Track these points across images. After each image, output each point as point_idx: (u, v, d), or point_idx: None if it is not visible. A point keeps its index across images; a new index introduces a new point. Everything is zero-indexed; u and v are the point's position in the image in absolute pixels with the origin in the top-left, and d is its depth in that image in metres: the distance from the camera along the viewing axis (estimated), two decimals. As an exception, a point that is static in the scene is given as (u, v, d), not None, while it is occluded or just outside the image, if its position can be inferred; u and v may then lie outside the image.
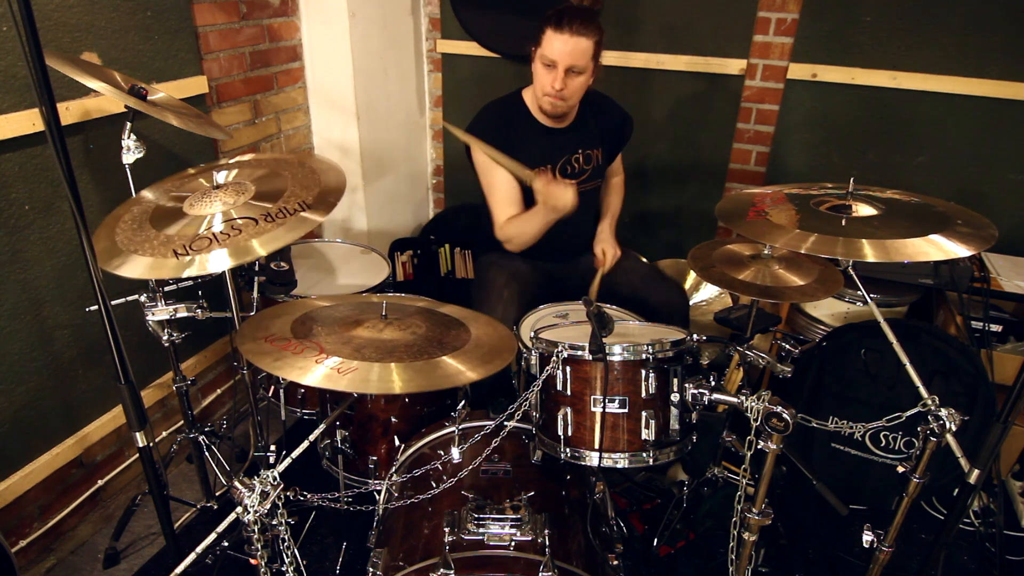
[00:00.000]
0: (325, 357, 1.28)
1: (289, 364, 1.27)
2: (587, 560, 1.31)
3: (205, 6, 2.12)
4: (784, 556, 1.96)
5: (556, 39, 1.87)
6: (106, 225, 1.54)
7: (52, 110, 0.93)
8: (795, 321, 2.54)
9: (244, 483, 1.09)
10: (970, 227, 1.45)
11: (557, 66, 1.90)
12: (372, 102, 2.74)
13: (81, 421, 1.98)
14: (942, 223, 1.46)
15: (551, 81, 1.93)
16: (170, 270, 1.37)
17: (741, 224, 1.59)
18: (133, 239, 1.46)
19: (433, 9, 2.99)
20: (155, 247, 1.42)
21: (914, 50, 2.38)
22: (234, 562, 1.81)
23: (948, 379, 1.98)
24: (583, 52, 1.88)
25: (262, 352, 1.31)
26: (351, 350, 1.33)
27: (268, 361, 1.28)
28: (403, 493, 1.49)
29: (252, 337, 1.37)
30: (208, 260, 1.37)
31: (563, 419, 1.38)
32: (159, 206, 1.58)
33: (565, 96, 1.95)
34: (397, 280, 2.78)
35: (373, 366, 1.28)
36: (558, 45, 1.87)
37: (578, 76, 1.93)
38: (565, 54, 1.88)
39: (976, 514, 2.05)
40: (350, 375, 1.24)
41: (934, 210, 1.56)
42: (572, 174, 2.15)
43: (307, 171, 1.66)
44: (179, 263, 1.38)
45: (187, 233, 1.45)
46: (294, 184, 1.60)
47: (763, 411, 1.23)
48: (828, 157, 2.63)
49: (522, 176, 1.89)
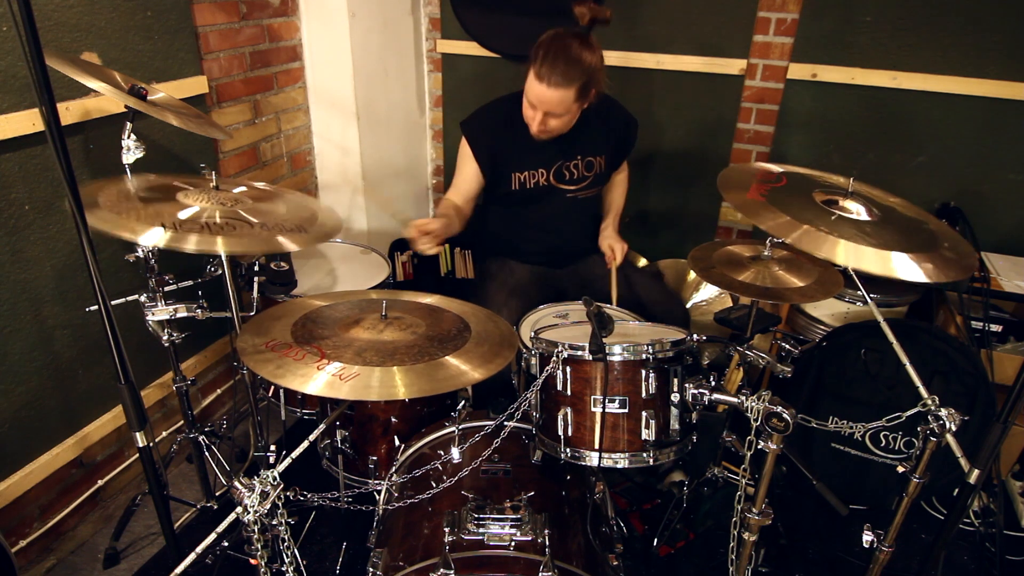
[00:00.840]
0: (326, 363, 1.28)
1: (291, 372, 1.26)
2: (587, 560, 1.31)
3: (205, 6, 2.12)
4: (784, 556, 1.96)
5: (534, 85, 1.85)
6: (88, 188, 1.54)
7: (52, 110, 0.93)
8: (795, 321, 2.54)
9: (244, 483, 1.09)
10: (954, 252, 1.44)
11: (537, 108, 1.90)
12: (372, 102, 2.74)
13: (81, 421, 1.98)
14: (929, 243, 1.46)
15: (531, 118, 1.94)
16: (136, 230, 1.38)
17: (743, 203, 1.58)
18: (116, 204, 1.46)
19: (433, 9, 2.99)
20: (141, 216, 1.43)
21: (914, 50, 2.38)
22: (234, 562, 1.81)
23: (948, 379, 1.98)
24: (559, 102, 1.85)
25: (265, 360, 1.31)
26: (352, 354, 1.33)
27: (270, 369, 1.27)
28: (403, 493, 1.49)
29: (253, 344, 1.37)
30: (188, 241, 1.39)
31: (563, 419, 1.38)
32: (146, 194, 1.59)
33: (548, 131, 1.96)
34: (397, 280, 2.78)
35: (375, 371, 1.28)
36: (535, 91, 1.86)
37: (560, 117, 1.91)
38: (542, 102, 1.87)
39: (976, 514, 2.05)
40: (352, 381, 1.24)
41: (925, 227, 1.56)
42: (570, 180, 2.14)
43: (304, 206, 1.73)
44: (153, 228, 1.38)
45: (172, 211, 1.48)
46: (288, 211, 1.65)
47: (763, 411, 1.23)
48: (828, 157, 2.63)
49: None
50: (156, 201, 1.52)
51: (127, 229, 1.37)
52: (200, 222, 1.46)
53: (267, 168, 2.55)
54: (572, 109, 1.91)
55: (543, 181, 2.11)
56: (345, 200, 2.85)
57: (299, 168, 2.73)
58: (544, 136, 1.99)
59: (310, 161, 2.79)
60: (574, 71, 1.81)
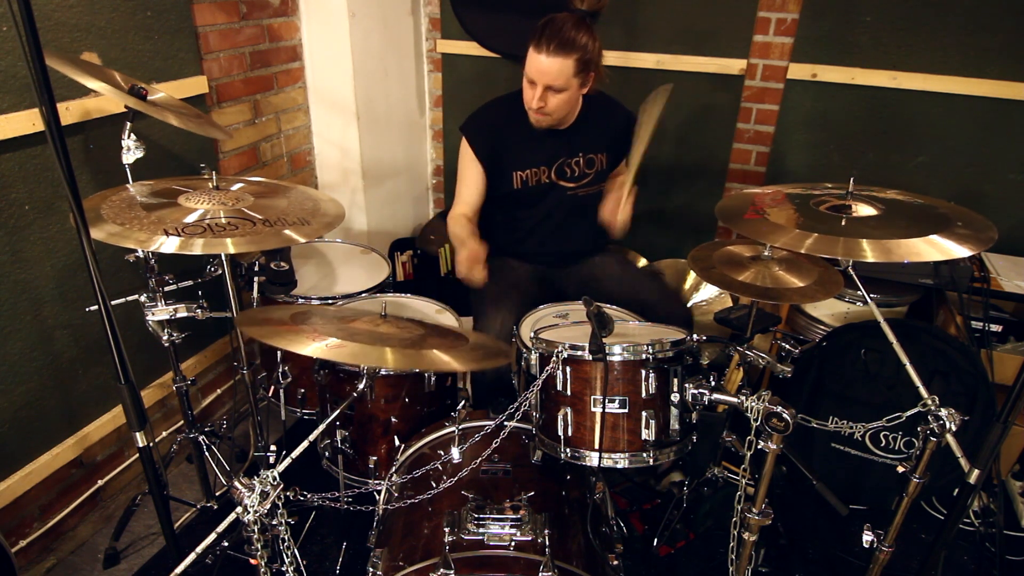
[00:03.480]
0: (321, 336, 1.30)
1: (284, 338, 1.28)
2: (587, 560, 1.31)
3: (205, 6, 2.12)
4: (784, 556, 1.96)
5: (534, 58, 1.87)
6: (91, 202, 1.54)
7: (52, 110, 0.93)
8: (795, 321, 2.54)
9: (244, 483, 1.09)
10: (969, 228, 1.45)
11: (537, 84, 1.90)
12: (372, 102, 2.74)
13: (81, 421, 1.98)
14: (942, 224, 1.46)
15: (531, 97, 1.93)
16: (143, 240, 1.38)
17: (740, 223, 1.59)
18: (120, 214, 1.46)
19: (433, 9, 2.99)
20: (144, 224, 1.43)
21: (914, 50, 2.38)
22: (234, 562, 1.81)
23: (948, 379, 1.98)
24: (559, 72, 1.86)
25: (261, 330, 1.32)
26: (346, 335, 1.33)
27: (264, 332, 1.29)
28: (403, 493, 1.49)
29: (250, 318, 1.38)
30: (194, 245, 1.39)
31: (563, 419, 1.38)
32: (147, 200, 1.59)
33: (547, 112, 1.95)
34: (397, 280, 2.78)
35: (366, 347, 1.29)
36: (535, 64, 1.87)
37: (559, 93, 1.91)
38: (542, 73, 1.87)
39: (976, 514, 2.05)
40: (343, 350, 1.26)
41: (935, 211, 1.56)
42: (571, 177, 2.14)
43: (306, 198, 1.72)
44: (159, 238, 1.38)
45: (176, 217, 1.47)
46: (291, 205, 1.64)
47: (763, 411, 1.23)
48: (828, 157, 2.63)
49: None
50: (159, 207, 1.52)
51: (134, 240, 1.38)
52: (204, 224, 1.46)
53: (267, 168, 2.55)
54: (572, 84, 1.91)
55: (545, 178, 2.11)
56: (345, 200, 2.85)
57: (299, 168, 2.73)
58: (544, 121, 1.99)
59: (310, 161, 2.79)
60: (575, 43, 1.85)
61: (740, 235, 1.61)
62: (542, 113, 1.96)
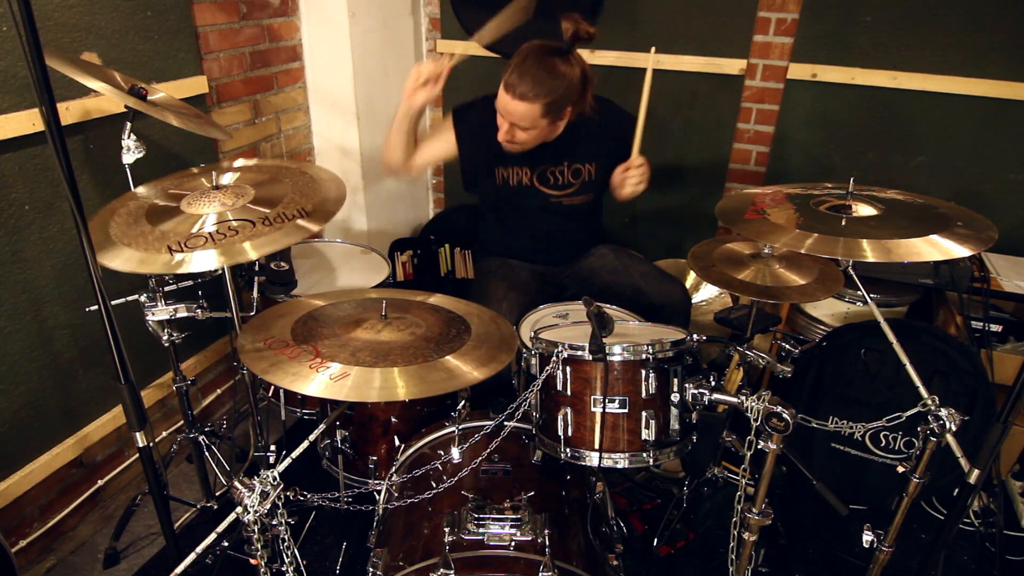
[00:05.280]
0: (320, 362, 1.29)
1: (284, 371, 1.27)
2: (587, 560, 1.31)
3: (205, 6, 2.12)
4: (784, 556, 1.96)
5: (502, 95, 1.82)
6: (100, 217, 1.53)
7: (52, 110, 0.93)
8: (795, 321, 2.54)
9: (244, 483, 1.09)
10: (970, 228, 1.45)
11: (505, 119, 1.87)
12: (372, 102, 2.74)
13: (81, 421, 1.98)
14: (942, 224, 1.46)
15: (501, 127, 1.90)
16: (161, 266, 1.37)
17: (740, 224, 1.59)
18: (127, 232, 1.45)
19: (433, 9, 2.99)
20: (149, 242, 1.42)
21: (914, 50, 2.38)
22: (234, 562, 1.81)
23: (948, 379, 1.98)
24: (523, 115, 1.81)
25: (260, 358, 1.31)
26: (347, 354, 1.33)
27: (263, 366, 1.28)
28: (403, 493, 1.49)
29: (252, 341, 1.38)
30: (201, 258, 1.38)
31: (563, 419, 1.38)
32: (155, 204, 1.58)
33: (516, 143, 1.92)
34: (397, 280, 2.78)
35: (372, 371, 1.28)
36: (503, 102, 1.83)
37: (527, 130, 1.87)
38: (508, 113, 1.84)
39: (976, 514, 2.05)
40: (347, 381, 1.25)
41: (934, 211, 1.56)
42: (554, 185, 2.10)
43: (307, 179, 1.68)
44: (171, 259, 1.37)
45: (182, 230, 1.45)
46: (294, 191, 1.60)
47: (763, 411, 1.23)
48: (828, 157, 2.63)
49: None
50: (163, 219, 1.50)
51: (153, 265, 1.37)
52: (217, 231, 1.43)
53: (267, 168, 2.55)
54: (540, 124, 1.86)
55: (526, 180, 2.09)
56: (345, 199, 2.85)
57: (299, 168, 2.73)
58: (513, 148, 1.95)
59: (310, 161, 2.79)
60: (542, 87, 1.78)
61: (740, 234, 1.61)
62: (510, 143, 1.93)
